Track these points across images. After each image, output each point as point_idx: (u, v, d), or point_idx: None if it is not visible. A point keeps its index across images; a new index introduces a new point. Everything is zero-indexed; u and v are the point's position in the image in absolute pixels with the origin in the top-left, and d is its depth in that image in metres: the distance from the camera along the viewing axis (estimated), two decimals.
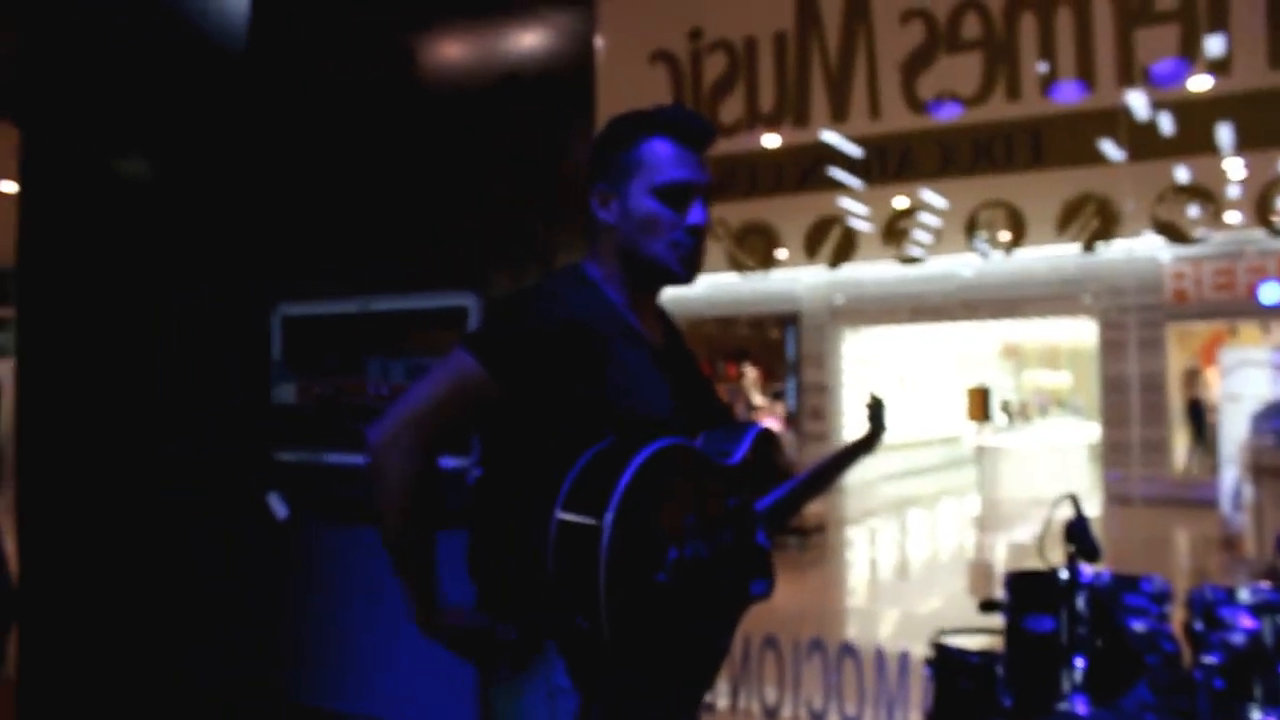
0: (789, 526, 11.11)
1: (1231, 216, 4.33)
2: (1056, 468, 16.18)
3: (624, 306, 1.98)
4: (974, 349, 21.85)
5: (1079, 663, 2.56)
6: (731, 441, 2.02)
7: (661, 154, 1.92)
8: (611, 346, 1.89)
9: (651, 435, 1.82)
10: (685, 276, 1.99)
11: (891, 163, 4.57)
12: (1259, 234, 9.48)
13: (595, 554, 1.68)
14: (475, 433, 1.94)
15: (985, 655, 3.01)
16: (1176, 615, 2.72)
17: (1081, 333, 20.93)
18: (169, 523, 3.32)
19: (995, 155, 4.39)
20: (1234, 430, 10.84)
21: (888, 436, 2.55)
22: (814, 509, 11.77)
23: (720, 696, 4.74)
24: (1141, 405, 14.17)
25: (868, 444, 2.52)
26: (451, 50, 4.33)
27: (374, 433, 1.78)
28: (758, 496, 2.03)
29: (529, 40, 4.64)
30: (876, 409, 2.59)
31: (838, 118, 4.69)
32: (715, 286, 16.23)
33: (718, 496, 1.92)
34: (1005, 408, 20.96)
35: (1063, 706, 2.54)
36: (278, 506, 3.13)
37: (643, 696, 1.80)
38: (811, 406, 17.93)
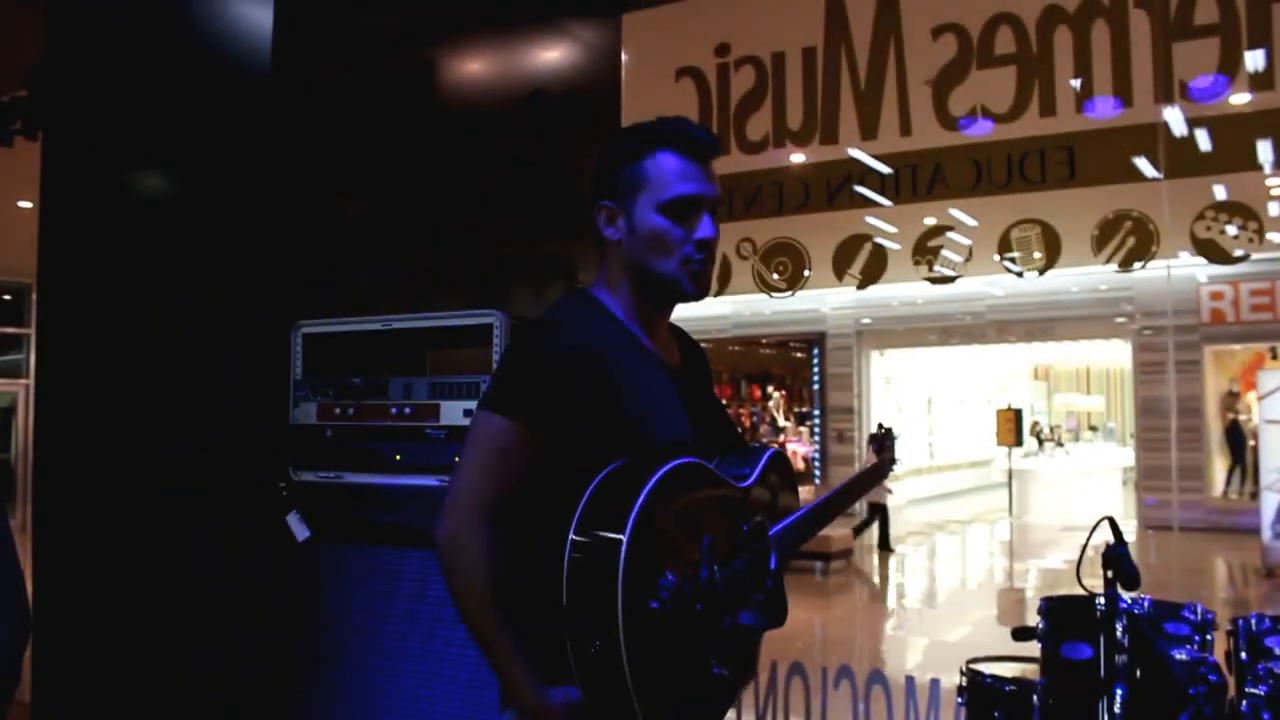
0: (812, 551, 11.02)
1: (1273, 235, 4.25)
2: (1089, 493, 16.00)
3: (635, 328, 1.92)
4: (1004, 371, 21.68)
5: (1118, 692, 2.46)
6: (746, 464, 1.97)
7: (668, 169, 1.86)
8: (627, 372, 1.84)
9: (667, 454, 1.77)
10: (696, 294, 1.93)
11: (922, 180, 4.50)
12: None
13: (613, 574, 1.62)
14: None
15: (1019, 683, 2.92)
16: (1219, 645, 2.62)
17: (1115, 355, 20.74)
18: (185, 542, 3.28)
19: (1028, 172, 4.31)
20: (1275, 455, 10.66)
21: (917, 460, 2.52)
22: (839, 533, 11.68)
23: None
24: (1179, 429, 13.97)
25: (877, 473, 2.53)
26: (477, 66, 4.31)
27: (438, 530, 1.73)
28: (770, 521, 1.96)
29: (555, 56, 4.61)
30: (885, 439, 2.61)
31: (867, 134, 4.63)
32: (740, 306, 16.17)
33: (732, 519, 1.86)
34: (1036, 431, 20.78)
35: None
36: (297, 527, 3.08)
37: (660, 719, 1.73)
38: (837, 430, 17.81)
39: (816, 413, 18.35)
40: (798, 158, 4.95)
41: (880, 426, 2.66)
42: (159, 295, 3.45)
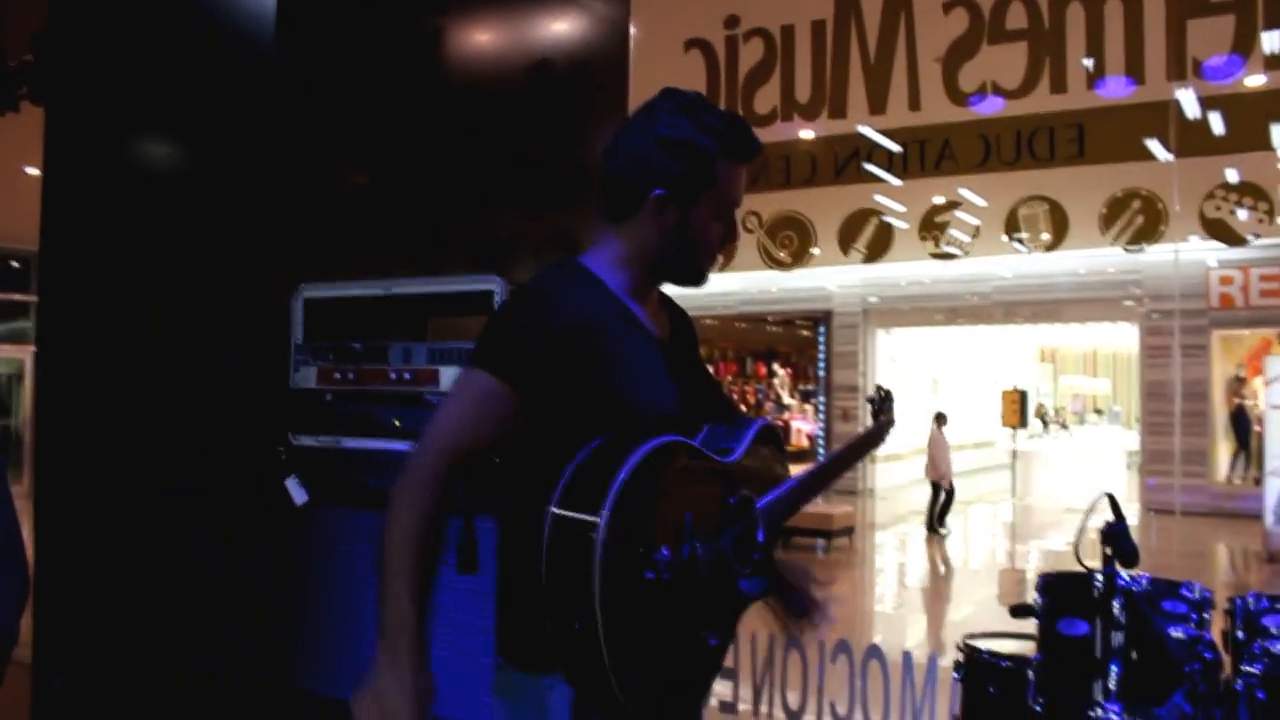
0: (815, 529, 11.03)
1: None
2: (1092, 475, 15.98)
3: (629, 300, 1.90)
4: (1010, 352, 21.63)
5: (1114, 669, 2.46)
6: (733, 438, 1.94)
7: (731, 176, 1.87)
8: (618, 345, 1.83)
9: (651, 431, 1.76)
10: (704, 283, 1.99)
11: (930, 156, 4.46)
12: None
13: (589, 552, 1.61)
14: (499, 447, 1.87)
15: (1016, 659, 2.92)
16: (1217, 624, 2.62)
17: (1121, 338, 20.68)
18: (185, 506, 3.28)
19: (1038, 150, 4.28)
20: (1279, 440, 10.63)
21: (921, 440, 2.49)
22: (842, 511, 11.69)
23: (742, 699, 4.65)
24: (1183, 413, 13.94)
25: (875, 437, 2.47)
26: (484, 36, 4.28)
27: (410, 464, 1.71)
28: (759, 494, 1.94)
29: (562, 26, 4.58)
30: (883, 402, 2.55)
31: (876, 109, 4.59)
32: (747, 284, 16.13)
33: (717, 494, 1.84)
34: (1041, 413, 20.75)
35: (1096, 714, 2.44)
36: (296, 491, 3.08)
37: (640, 699, 1.73)
38: (841, 408, 17.79)
39: (821, 391, 18.34)
40: (806, 133, 4.92)
41: (878, 389, 2.57)
42: (161, 262, 3.44)
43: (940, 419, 12.89)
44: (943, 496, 12.94)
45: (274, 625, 3.14)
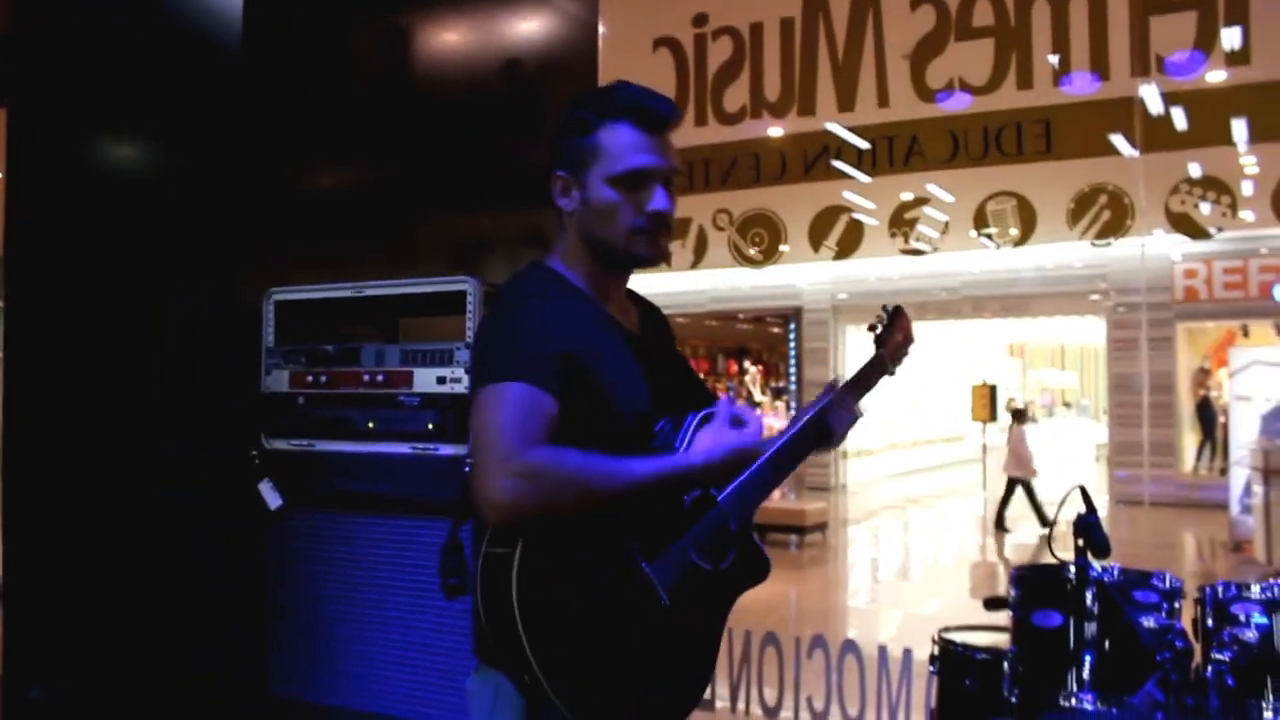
0: (788, 525, 11.06)
1: (1246, 214, 4.27)
2: (1062, 468, 16.12)
3: (595, 297, 1.91)
4: (980, 347, 21.78)
5: (1087, 659, 2.48)
6: (679, 433, 1.90)
7: (621, 141, 1.83)
8: (593, 343, 1.83)
9: (629, 432, 1.79)
10: (651, 259, 1.92)
11: (899, 152, 4.49)
12: (1272, 232, 9.41)
13: (509, 592, 1.63)
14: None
15: (991, 651, 2.94)
16: (1187, 612, 2.65)
17: (1089, 331, 20.87)
18: (157, 512, 3.26)
19: (1005, 145, 4.31)
20: (1244, 431, 10.77)
21: (892, 435, 2.42)
22: (815, 507, 11.73)
23: (719, 697, 4.67)
24: (1150, 405, 14.08)
25: (872, 371, 2.24)
26: (453, 36, 4.26)
27: (496, 495, 1.63)
28: (723, 483, 1.88)
29: (531, 25, 4.57)
30: (894, 316, 2.31)
31: (845, 106, 4.62)
32: (717, 281, 16.16)
33: (663, 500, 1.80)
34: (1009, 407, 20.90)
35: (1070, 703, 2.47)
36: (270, 495, 3.05)
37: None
38: None
39: (793, 387, 18.39)
40: (775, 130, 4.93)
41: (885, 309, 2.32)
42: (128, 265, 3.41)
43: (1019, 416, 12.69)
44: (1017, 491, 12.45)
45: (252, 631, 3.12)
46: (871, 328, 2.28)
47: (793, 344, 18.28)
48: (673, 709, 1.88)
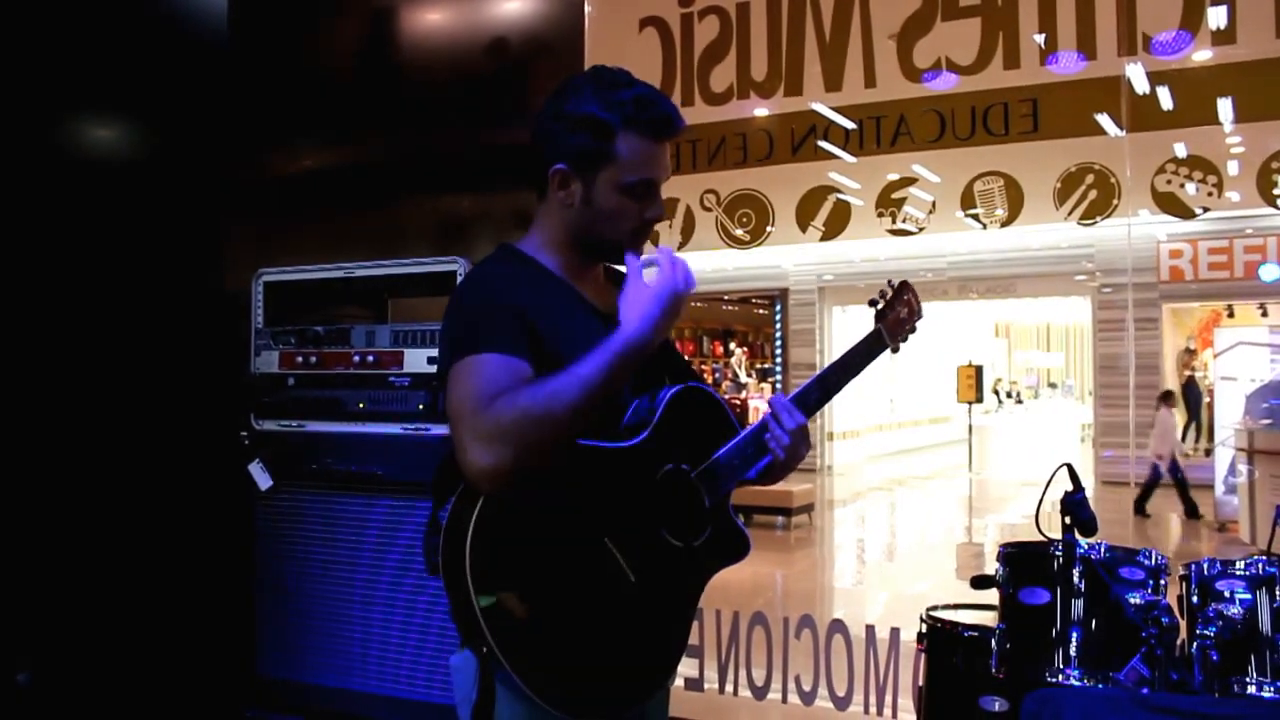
0: (774, 506, 11.07)
1: (1232, 194, 4.29)
2: (1047, 449, 16.19)
3: (565, 279, 1.92)
4: (965, 328, 21.83)
5: (1074, 635, 2.51)
6: (651, 409, 1.91)
7: (635, 151, 1.83)
8: (561, 322, 1.84)
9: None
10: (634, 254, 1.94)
11: (886, 132, 4.49)
12: (1257, 212, 9.43)
13: (464, 579, 1.64)
14: None
15: (978, 629, 2.97)
16: (1172, 589, 2.67)
17: (1074, 312, 20.93)
18: (148, 493, 3.25)
19: (992, 125, 4.31)
20: (1229, 411, 10.82)
21: (879, 416, 2.41)
22: (801, 489, 11.75)
23: (708, 679, 4.69)
24: (1135, 386, 14.13)
25: (869, 348, 2.26)
26: (439, 15, 4.24)
27: (485, 463, 1.62)
28: (696, 460, 1.92)
29: (517, 5, 4.55)
30: (899, 290, 2.31)
31: (831, 86, 4.61)
32: (703, 263, 16.11)
33: (630, 478, 1.82)
34: (996, 388, 20.97)
35: (1057, 679, 2.49)
36: (260, 476, 3.06)
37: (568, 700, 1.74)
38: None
39: (779, 369, 18.40)
40: (762, 111, 4.92)
41: (889, 283, 2.27)
42: (117, 248, 3.39)
43: (1167, 398, 12.44)
44: (1161, 476, 12.01)
45: (241, 611, 3.12)
46: (872, 302, 2.27)
47: (778, 325, 18.28)
48: (638, 687, 1.88)
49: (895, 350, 2.29)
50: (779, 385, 18.28)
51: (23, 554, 3.45)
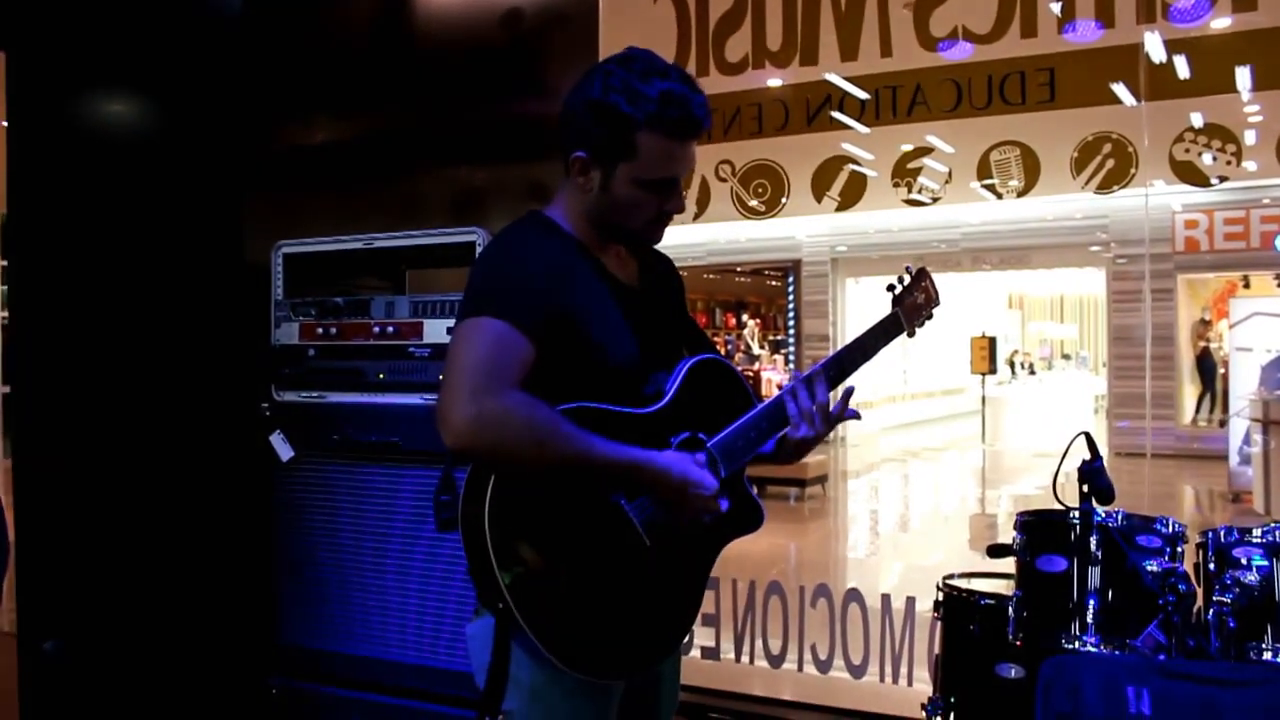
0: (787, 478, 11.08)
1: (1249, 163, 4.27)
2: (1061, 420, 16.16)
3: (590, 249, 1.93)
4: (979, 299, 21.76)
5: (1091, 603, 2.52)
6: (669, 379, 1.94)
7: (657, 150, 1.83)
8: (585, 291, 1.86)
9: (610, 381, 1.82)
10: (652, 244, 2.00)
11: (902, 102, 4.47)
12: (1273, 181, 9.37)
13: (484, 545, 1.68)
14: None
15: (995, 597, 2.98)
16: (1189, 557, 2.69)
17: (1088, 283, 20.83)
18: (169, 466, 3.28)
19: (1009, 94, 4.29)
20: (1244, 382, 10.79)
21: (892, 388, 2.43)
22: (815, 460, 11.76)
23: (724, 650, 4.73)
24: (1150, 357, 14.09)
25: (884, 332, 2.27)
26: None
27: (461, 416, 1.65)
28: (712, 430, 1.94)
29: None
30: (916, 278, 2.34)
31: (847, 56, 4.59)
32: (715, 234, 16.08)
33: (648, 442, 1.83)
34: (1010, 360, 20.92)
35: (1074, 646, 2.51)
36: (281, 447, 3.09)
37: (583, 659, 1.78)
38: (812, 358, 17.81)
39: (791, 341, 18.39)
40: (776, 81, 4.91)
41: (908, 269, 2.31)
42: (137, 220, 3.41)
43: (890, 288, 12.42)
44: None
45: (262, 580, 3.15)
46: (890, 287, 2.31)
47: (791, 297, 18.24)
48: (650, 650, 1.91)
49: (911, 334, 2.31)
50: (792, 357, 18.28)
51: (49, 526, 3.49)
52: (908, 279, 2.34)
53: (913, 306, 2.33)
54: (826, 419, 2.05)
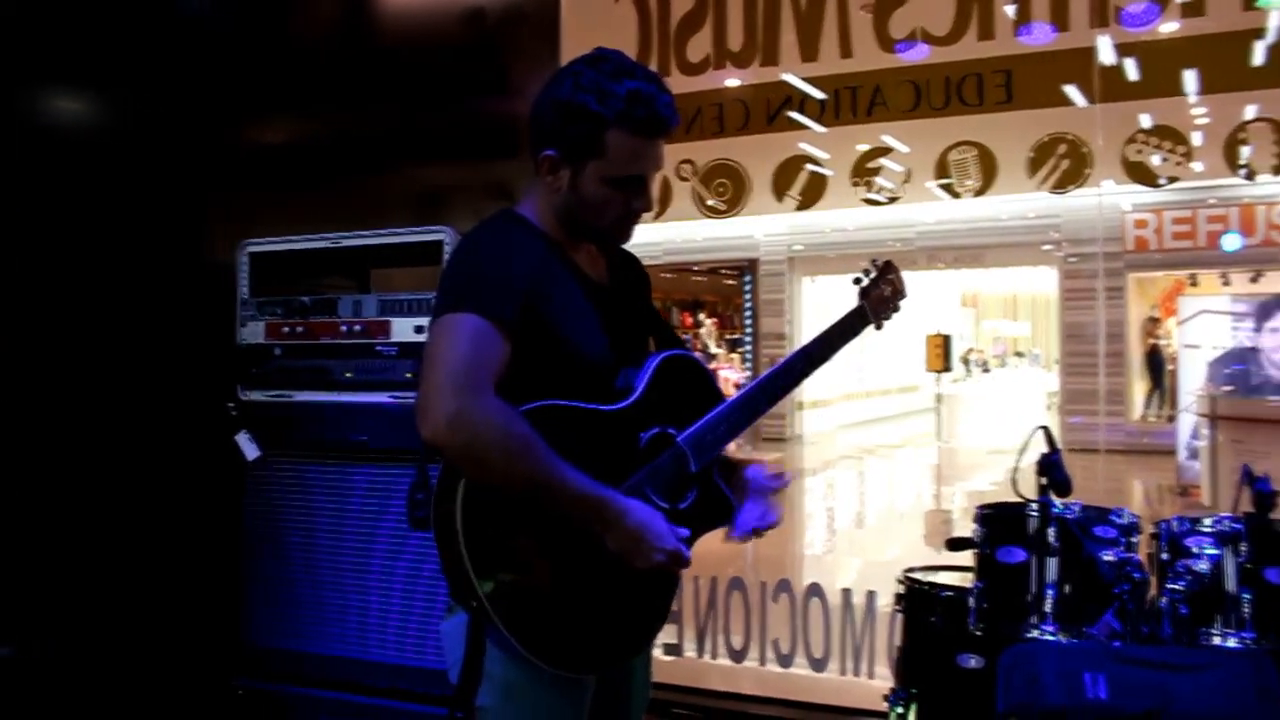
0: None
1: (1197, 164, 4.37)
2: (1014, 417, 16.35)
3: (561, 247, 1.95)
4: (934, 298, 21.95)
5: (1050, 592, 2.58)
6: (638, 375, 1.96)
7: (625, 148, 1.85)
8: (559, 289, 1.88)
9: (584, 378, 1.83)
10: (620, 243, 2.02)
11: (862, 103, 4.54)
12: (1219, 182, 9.55)
13: (457, 546, 1.70)
14: None
15: (955, 589, 3.04)
16: (1143, 547, 2.75)
17: (1041, 282, 21.08)
18: (136, 466, 3.26)
19: (966, 96, 4.37)
20: (1192, 378, 10.99)
21: (847, 385, 2.46)
22: (772, 458, 11.84)
23: (688, 643, 4.76)
24: (1101, 354, 14.29)
25: (851, 325, 2.29)
26: None
27: (440, 414, 1.66)
28: (682, 426, 1.96)
29: None
30: (883, 270, 2.37)
31: (808, 57, 4.65)
32: (672, 234, 16.10)
33: (616, 441, 1.86)
34: (965, 357, 21.15)
35: (1033, 635, 2.56)
36: (247, 447, 3.08)
37: (558, 655, 1.80)
38: (769, 357, 17.88)
39: (749, 340, 18.46)
40: (736, 81, 4.95)
41: (874, 262, 2.34)
42: (99, 220, 3.38)
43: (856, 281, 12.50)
44: None
45: (228, 581, 3.14)
46: (856, 280, 2.34)
47: (748, 296, 18.30)
48: (622, 644, 1.94)
49: (879, 327, 2.35)
50: (749, 356, 18.35)
51: (9, 527, 3.45)
52: (874, 272, 2.37)
53: (879, 299, 2.37)
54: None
